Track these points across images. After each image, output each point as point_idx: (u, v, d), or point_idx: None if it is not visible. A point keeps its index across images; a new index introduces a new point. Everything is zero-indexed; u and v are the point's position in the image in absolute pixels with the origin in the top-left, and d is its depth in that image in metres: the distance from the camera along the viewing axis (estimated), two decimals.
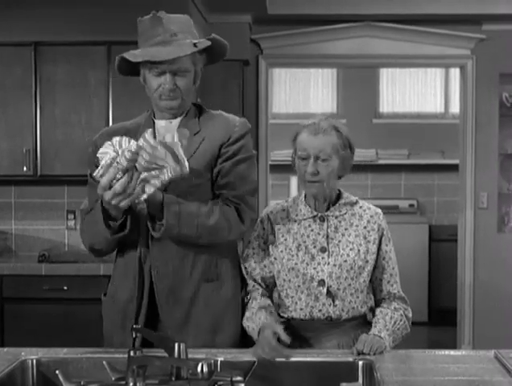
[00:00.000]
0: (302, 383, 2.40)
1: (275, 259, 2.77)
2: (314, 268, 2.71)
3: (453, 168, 7.55)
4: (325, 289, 2.69)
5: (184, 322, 2.68)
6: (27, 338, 4.70)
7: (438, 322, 8.01)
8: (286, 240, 2.77)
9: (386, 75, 9.02)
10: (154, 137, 2.64)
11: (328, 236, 2.74)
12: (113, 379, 2.16)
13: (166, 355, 2.10)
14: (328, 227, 2.75)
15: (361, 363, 2.42)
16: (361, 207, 2.81)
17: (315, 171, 2.68)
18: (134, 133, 2.73)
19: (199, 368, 1.93)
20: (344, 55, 6.57)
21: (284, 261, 2.74)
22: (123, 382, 2.09)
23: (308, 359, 2.47)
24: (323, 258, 2.72)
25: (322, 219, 2.76)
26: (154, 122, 2.78)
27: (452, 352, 2.53)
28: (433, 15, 6.26)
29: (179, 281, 2.68)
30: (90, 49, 5.24)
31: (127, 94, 5.04)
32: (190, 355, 2.06)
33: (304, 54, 6.57)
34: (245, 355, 2.44)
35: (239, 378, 2.07)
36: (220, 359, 2.35)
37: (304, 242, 2.75)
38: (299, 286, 2.73)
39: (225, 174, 2.70)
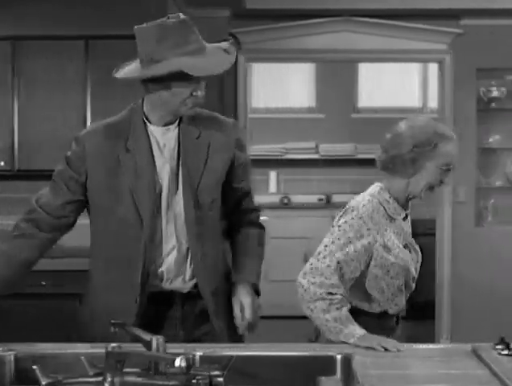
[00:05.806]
0: (280, 377, 2.40)
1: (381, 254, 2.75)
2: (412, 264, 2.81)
3: None
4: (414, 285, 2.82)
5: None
6: (4, 333, 4.68)
7: (416, 316, 8.01)
8: (390, 237, 2.79)
9: (364, 69, 9.04)
10: (149, 143, 2.63)
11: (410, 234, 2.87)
12: (91, 374, 2.16)
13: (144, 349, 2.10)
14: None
15: (339, 356, 2.43)
16: None
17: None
18: (125, 135, 2.69)
19: (177, 363, 1.93)
20: (323, 49, 6.57)
21: (392, 257, 2.75)
22: (101, 377, 2.09)
23: (287, 353, 2.48)
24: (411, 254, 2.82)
25: (405, 217, 2.90)
26: (146, 126, 2.71)
27: (430, 346, 2.55)
28: (411, 10, 6.27)
29: (215, 274, 2.76)
30: (68, 43, 5.19)
31: (106, 89, 5.00)
32: (169, 350, 2.06)
33: (283, 48, 6.56)
34: (224, 350, 2.45)
35: (217, 372, 2.07)
36: (198, 353, 2.35)
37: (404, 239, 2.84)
38: (391, 278, 2.75)
39: (240, 180, 2.79)
